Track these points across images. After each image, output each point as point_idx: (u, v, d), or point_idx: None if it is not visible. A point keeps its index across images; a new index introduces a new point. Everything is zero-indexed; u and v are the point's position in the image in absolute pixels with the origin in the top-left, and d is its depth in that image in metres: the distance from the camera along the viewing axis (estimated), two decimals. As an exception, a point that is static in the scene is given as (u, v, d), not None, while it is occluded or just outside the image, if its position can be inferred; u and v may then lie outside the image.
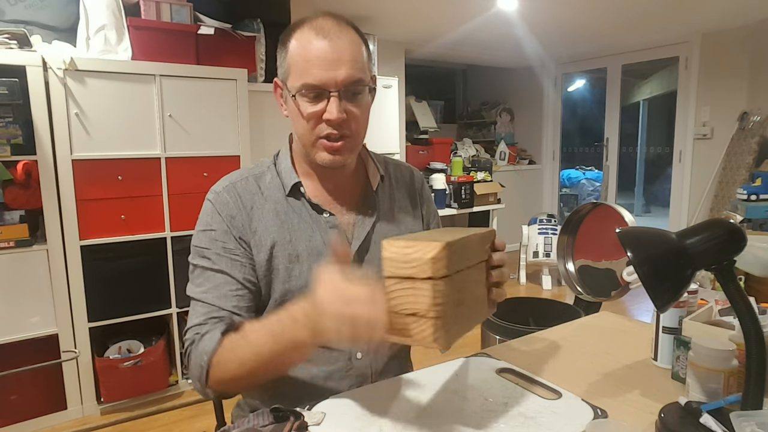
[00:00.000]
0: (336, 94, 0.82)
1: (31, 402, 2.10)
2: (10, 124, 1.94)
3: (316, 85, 0.82)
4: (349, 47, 0.83)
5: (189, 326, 0.85)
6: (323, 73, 0.81)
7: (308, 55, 0.82)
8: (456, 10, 3.29)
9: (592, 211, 1.91)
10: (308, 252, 0.90)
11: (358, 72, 0.83)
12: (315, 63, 0.82)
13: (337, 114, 0.82)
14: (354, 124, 0.86)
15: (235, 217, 0.88)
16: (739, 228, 0.68)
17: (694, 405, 0.69)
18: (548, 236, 3.96)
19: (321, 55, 0.82)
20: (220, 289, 0.85)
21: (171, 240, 2.28)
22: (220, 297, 0.84)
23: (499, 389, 0.82)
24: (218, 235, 0.87)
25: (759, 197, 3.15)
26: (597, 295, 1.86)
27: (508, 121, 5.58)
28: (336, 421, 0.74)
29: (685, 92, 4.20)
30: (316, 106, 0.84)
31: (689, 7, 3.32)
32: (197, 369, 0.80)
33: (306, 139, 0.88)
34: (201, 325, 0.83)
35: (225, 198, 0.90)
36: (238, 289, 0.86)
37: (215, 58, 2.42)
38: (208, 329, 0.82)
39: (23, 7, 2.23)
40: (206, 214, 0.90)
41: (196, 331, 0.83)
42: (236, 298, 0.85)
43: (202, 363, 0.79)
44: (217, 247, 0.87)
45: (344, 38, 0.83)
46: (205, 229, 0.89)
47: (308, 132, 0.86)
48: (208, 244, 0.87)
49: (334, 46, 0.82)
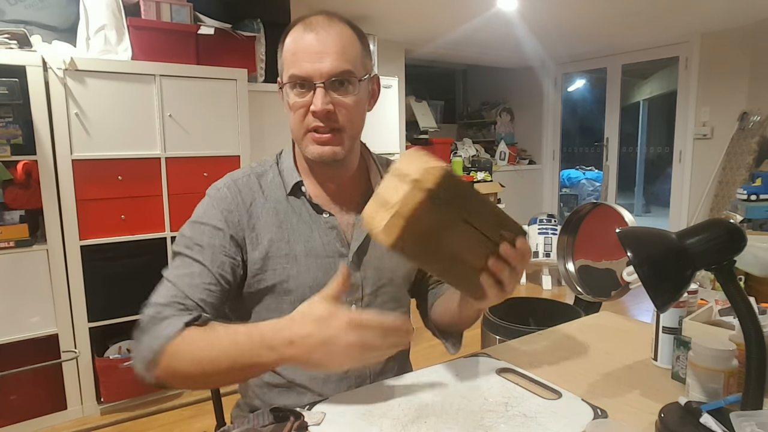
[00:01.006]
0: (321, 85, 0.82)
1: (31, 402, 2.10)
2: (10, 124, 1.94)
3: (301, 76, 0.83)
4: (336, 40, 0.83)
5: (150, 303, 0.81)
6: (309, 64, 0.82)
7: (296, 48, 0.84)
8: (456, 10, 3.29)
9: (592, 211, 1.91)
10: (305, 252, 0.89)
11: (345, 63, 0.83)
12: (301, 55, 0.83)
13: (321, 105, 0.82)
14: (343, 116, 0.85)
15: (232, 212, 0.88)
16: (739, 228, 0.68)
17: (694, 405, 0.69)
18: (548, 236, 3.96)
19: (307, 47, 0.83)
20: (193, 278, 0.83)
21: (171, 240, 2.28)
22: (191, 286, 0.82)
23: (499, 389, 0.82)
24: (208, 229, 0.86)
25: (759, 197, 3.15)
26: (597, 295, 1.86)
27: (508, 121, 5.58)
28: (336, 421, 0.74)
29: (685, 92, 4.20)
30: (303, 97, 0.84)
31: (689, 7, 3.32)
32: (147, 351, 0.76)
33: (296, 133, 0.88)
34: (164, 306, 0.79)
35: (224, 193, 0.90)
36: (211, 284, 0.84)
37: (215, 58, 2.42)
38: (171, 314, 0.78)
39: (23, 7, 2.23)
40: (201, 207, 0.90)
41: (157, 310, 0.79)
42: (206, 292, 0.83)
43: (155, 347, 0.75)
44: (203, 241, 0.85)
45: (332, 31, 0.84)
46: (196, 221, 0.88)
47: (298, 125, 0.86)
48: (195, 235, 0.86)
49: (321, 38, 0.83)
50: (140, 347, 0.78)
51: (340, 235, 0.92)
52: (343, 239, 0.92)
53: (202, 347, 0.75)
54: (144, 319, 0.80)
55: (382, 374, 0.95)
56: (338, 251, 0.91)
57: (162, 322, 0.77)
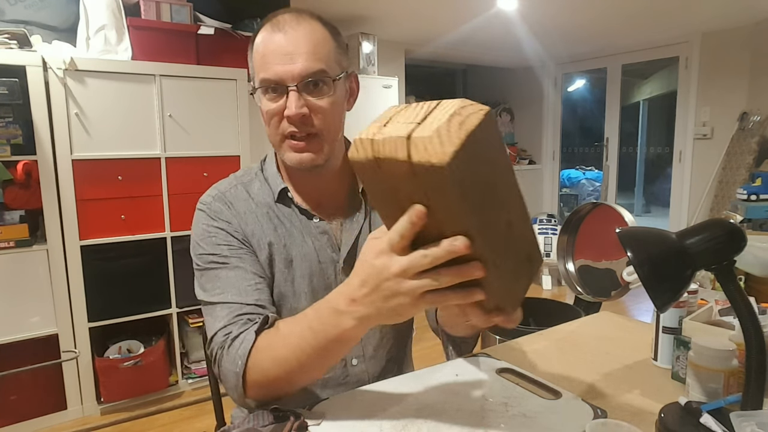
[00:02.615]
0: (294, 88, 0.78)
1: (31, 402, 2.10)
2: (10, 124, 1.94)
3: (272, 80, 0.79)
4: (306, 38, 0.79)
5: (214, 331, 0.78)
6: (279, 66, 0.78)
7: (265, 50, 0.80)
8: (456, 10, 3.29)
9: (592, 211, 1.91)
10: (301, 257, 0.88)
11: (318, 63, 0.79)
12: (271, 57, 0.79)
13: (296, 109, 0.78)
14: (319, 121, 0.81)
15: (231, 223, 0.87)
16: (739, 228, 0.68)
17: (694, 405, 0.69)
18: (548, 236, 3.96)
19: (276, 48, 0.79)
20: (237, 285, 0.80)
21: (171, 240, 2.29)
22: (240, 293, 0.80)
23: (499, 389, 0.82)
24: (220, 239, 0.85)
25: (759, 197, 3.15)
26: (597, 295, 1.86)
27: (508, 121, 5.58)
28: (336, 421, 0.74)
29: (685, 92, 4.19)
30: (276, 102, 0.80)
31: (689, 7, 3.32)
32: (232, 377, 0.74)
33: (273, 140, 0.85)
34: (228, 326, 0.77)
35: (218, 206, 0.88)
36: (256, 282, 0.82)
37: (215, 58, 2.42)
38: (239, 330, 0.76)
39: (23, 7, 2.23)
40: (201, 222, 0.88)
41: (225, 333, 0.77)
42: (257, 292, 0.81)
43: (237, 369, 0.73)
44: (223, 249, 0.84)
45: (301, 30, 0.79)
46: (204, 236, 0.86)
47: (273, 131, 0.83)
48: (213, 249, 0.85)
49: (289, 38, 0.79)
50: (225, 376, 0.76)
51: (331, 240, 0.90)
52: (333, 244, 0.90)
53: (279, 346, 0.72)
54: (215, 349, 0.78)
55: (382, 376, 0.95)
56: (330, 257, 0.90)
57: (234, 342, 0.75)
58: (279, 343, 0.72)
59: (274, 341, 0.73)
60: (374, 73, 3.48)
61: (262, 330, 0.75)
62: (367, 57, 3.44)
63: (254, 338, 0.74)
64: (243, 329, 0.76)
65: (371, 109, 3.39)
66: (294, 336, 0.71)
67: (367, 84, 3.06)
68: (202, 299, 0.84)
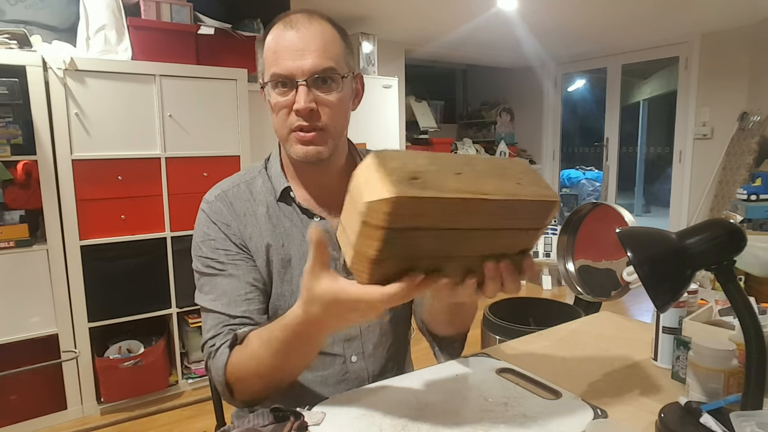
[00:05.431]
0: (304, 83, 0.81)
1: (31, 402, 2.10)
2: (10, 124, 1.94)
3: (283, 75, 0.82)
4: (317, 36, 0.82)
5: (204, 340, 0.85)
6: (290, 62, 0.81)
7: (277, 46, 0.83)
8: (456, 10, 3.29)
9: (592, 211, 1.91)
10: (300, 256, 0.89)
11: (327, 61, 0.82)
12: (282, 53, 0.82)
13: (305, 103, 0.81)
14: (326, 115, 0.84)
15: (230, 225, 0.89)
16: (739, 228, 0.68)
17: (694, 405, 0.69)
18: (548, 236, 3.96)
19: (288, 45, 0.82)
20: (228, 295, 0.85)
21: (171, 240, 2.28)
22: (230, 303, 0.84)
23: (499, 389, 0.82)
24: (219, 243, 0.87)
25: (759, 197, 3.16)
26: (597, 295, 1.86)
27: (508, 121, 5.58)
28: (336, 421, 0.74)
29: (685, 92, 4.20)
30: (285, 96, 0.83)
31: (689, 7, 3.32)
32: (219, 385, 0.81)
33: (280, 133, 0.87)
34: (214, 337, 0.83)
35: (218, 207, 0.90)
36: (247, 292, 0.85)
37: (215, 58, 2.42)
38: (220, 342, 0.82)
39: (23, 7, 2.23)
40: (202, 224, 0.90)
41: (210, 344, 0.83)
42: (246, 302, 0.85)
43: (220, 378, 0.80)
44: (220, 255, 0.87)
45: (312, 29, 0.83)
46: (204, 239, 0.89)
47: (281, 125, 0.86)
48: (211, 253, 0.87)
49: (302, 35, 0.82)
50: (216, 384, 0.82)
51: (332, 239, 0.91)
52: (334, 243, 0.91)
53: (251, 361, 0.77)
54: (205, 358, 0.85)
55: (380, 376, 0.95)
56: (330, 255, 0.90)
57: (215, 354, 0.82)
58: (249, 358, 0.77)
59: (245, 356, 0.78)
60: (374, 73, 3.48)
61: (234, 346, 0.80)
62: (367, 57, 3.44)
63: (228, 353, 0.80)
64: (223, 341, 0.81)
65: (371, 109, 3.40)
66: (264, 349, 0.75)
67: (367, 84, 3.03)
68: (198, 302, 0.88)
